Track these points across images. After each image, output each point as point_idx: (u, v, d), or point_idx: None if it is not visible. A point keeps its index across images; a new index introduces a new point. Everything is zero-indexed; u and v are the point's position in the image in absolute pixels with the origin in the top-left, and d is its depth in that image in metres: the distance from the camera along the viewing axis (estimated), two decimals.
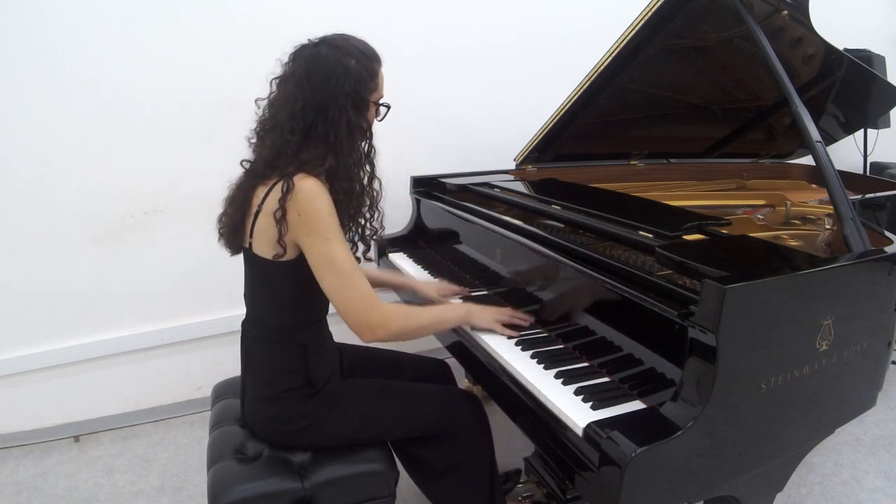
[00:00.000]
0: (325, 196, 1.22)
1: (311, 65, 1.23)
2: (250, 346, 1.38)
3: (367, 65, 1.27)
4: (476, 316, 1.45)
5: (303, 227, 1.20)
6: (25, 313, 2.24)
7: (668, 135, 2.40)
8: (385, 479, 1.34)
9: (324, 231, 1.20)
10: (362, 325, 1.24)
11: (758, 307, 1.05)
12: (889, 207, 2.00)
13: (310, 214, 1.20)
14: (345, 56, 1.24)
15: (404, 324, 1.30)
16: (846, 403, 1.30)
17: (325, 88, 1.22)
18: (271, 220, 1.21)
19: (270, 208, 1.22)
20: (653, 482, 0.99)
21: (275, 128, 1.27)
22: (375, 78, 1.30)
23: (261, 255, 1.28)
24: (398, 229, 2.26)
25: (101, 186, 2.24)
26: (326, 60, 1.23)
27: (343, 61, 1.23)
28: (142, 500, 2.00)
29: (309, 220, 1.20)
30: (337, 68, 1.22)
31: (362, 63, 1.26)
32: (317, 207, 1.20)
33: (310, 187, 1.21)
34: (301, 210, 1.19)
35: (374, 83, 1.29)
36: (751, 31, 1.55)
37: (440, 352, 1.81)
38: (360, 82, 1.25)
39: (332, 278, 1.22)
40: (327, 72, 1.22)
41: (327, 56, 1.23)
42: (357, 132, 1.27)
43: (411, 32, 2.56)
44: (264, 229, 1.25)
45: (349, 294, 1.23)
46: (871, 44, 3.01)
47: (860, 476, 2.00)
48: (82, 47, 2.13)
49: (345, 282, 1.22)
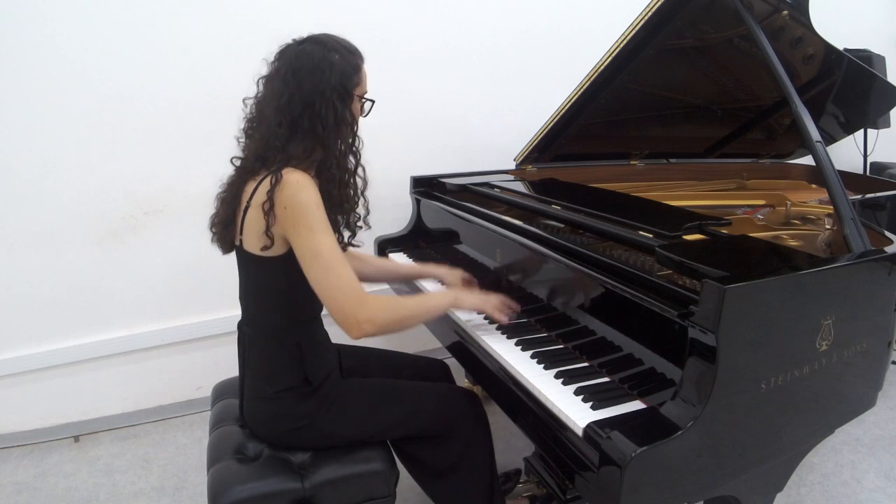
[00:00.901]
0: (311, 188, 1.23)
1: (296, 61, 1.26)
2: (247, 346, 1.38)
3: (351, 60, 1.31)
4: (463, 299, 1.46)
5: (289, 219, 1.21)
6: (25, 313, 2.24)
7: (667, 135, 2.40)
8: (385, 478, 1.34)
9: (310, 223, 1.21)
10: (349, 319, 1.22)
11: (758, 307, 1.05)
12: (889, 207, 2.00)
13: (296, 206, 1.20)
14: (329, 52, 1.27)
15: (392, 315, 1.29)
16: (846, 403, 1.30)
17: (311, 82, 1.24)
18: (260, 212, 1.22)
19: (259, 201, 1.23)
20: (653, 482, 0.99)
21: (262, 123, 1.30)
22: (359, 72, 1.33)
23: (251, 251, 1.29)
24: (398, 229, 2.26)
25: (101, 186, 2.24)
26: (311, 56, 1.26)
27: (328, 56, 1.26)
28: (142, 500, 1.99)
29: (295, 212, 1.21)
30: (322, 63, 1.25)
31: (346, 58, 1.29)
32: (303, 199, 1.21)
33: (297, 180, 1.22)
34: (288, 203, 1.20)
35: (357, 77, 1.32)
36: (751, 31, 1.55)
37: (440, 352, 1.81)
38: (344, 75, 1.28)
39: (318, 270, 1.22)
40: (312, 67, 1.25)
41: (312, 52, 1.26)
42: (343, 124, 1.29)
43: (411, 32, 2.56)
44: (253, 224, 1.26)
45: (334, 286, 1.22)
46: (871, 44, 3.01)
47: (860, 476, 2.00)
48: (82, 47, 2.13)
49: (330, 274, 1.22)
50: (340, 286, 1.22)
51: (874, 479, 1.99)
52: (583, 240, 1.54)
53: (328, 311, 1.25)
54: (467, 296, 1.48)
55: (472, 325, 1.53)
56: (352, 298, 1.22)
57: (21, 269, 2.20)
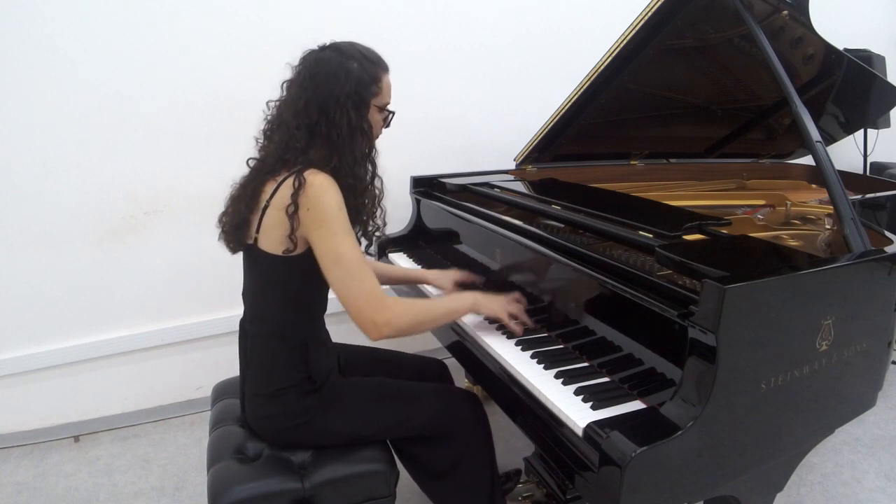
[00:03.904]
0: (334, 191, 1.24)
1: (314, 67, 1.28)
2: (250, 344, 1.38)
3: (369, 68, 1.31)
4: (483, 304, 1.44)
5: (312, 221, 1.21)
6: (25, 313, 2.24)
7: (668, 135, 2.40)
8: (385, 478, 1.34)
9: (332, 225, 1.22)
10: (368, 323, 1.23)
11: (758, 307, 1.05)
12: (889, 207, 2.00)
13: (319, 208, 1.21)
14: (347, 59, 1.28)
15: (412, 319, 1.30)
16: (846, 403, 1.30)
17: (326, 88, 1.26)
18: (282, 214, 1.22)
19: (281, 203, 1.23)
20: (653, 482, 0.99)
21: (281, 125, 1.30)
22: (378, 82, 1.32)
23: (267, 250, 1.28)
24: (398, 229, 2.26)
25: (100, 186, 2.24)
26: (329, 63, 1.28)
27: (345, 64, 1.28)
28: (142, 500, 2.00)
29: (318, 214, 1.21)
30: (339, 70, 1.27)
31: (364, 66, 1.30)
32: (327, 201, 1.21)
33: (320, 182, 1.22)
34: (311, 204, 1.21)
35: (376, 87, 1.32)
36: (751, 31, 1.55)
37: (440, 352, 1.81)
38: (360, 84, 1.28)
39: (339, 273, 1.23)
40: (328, 73, 1.26)
41: (330, 59, 1.28)
42: (358, 132, 1.29)
43: (412, 32, 2.56)
44: (273, 224, 1.26)
45: (355, 290, 1.23)
46: (871, 44, 3.01)
47: (860, 476, 2.00)
48: (82, 47, 2.13)
49: (352, 277, 1.23)
50: (362, 289, 1.23)
51: (874, 479, 1.99)
52: (583, 240, 1.54)
53: (348, 313, 1.25)
54: (487, 301, 1.45)
55: (473, 325, 1.53)
56: (373, 302, 1.23)
57: (21, 269, 2.20)
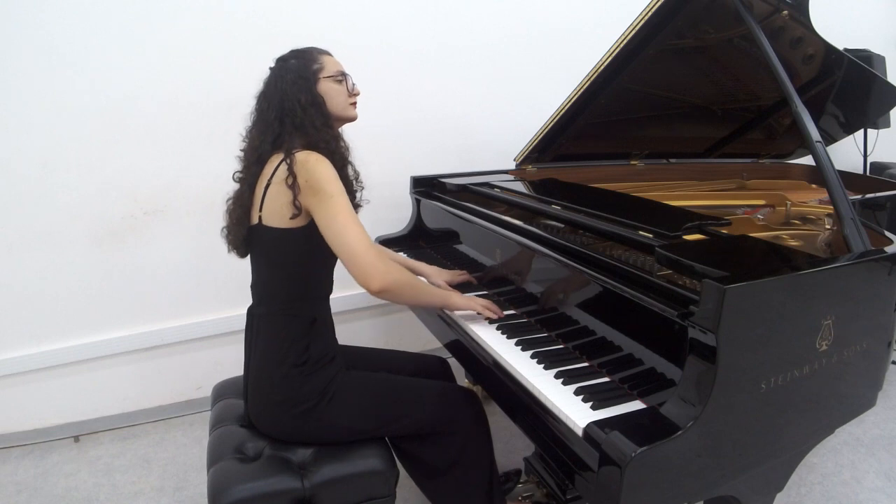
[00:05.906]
0: (326, 161, 1.35)
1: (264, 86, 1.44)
2: (256, 326, 1.41)
3: (305, 55, 1.44)
4: (455, 301, 1.55)
5: (310, 189, 1.31)
6: (25, 313, 2.24)
7: (668, 135, 2.40)
8: (385, 478, 1.34)
9: (329, 190, 1.31)
10: (369, 270, 1.29)
11: (758, 307, 1.05)
12: (889, 207, 2.01)
13: (315, 176, 1.31)
14: (285, 61, 1.44)
15: (402, 275, 1.39)
16: (846, 403, 1.30)
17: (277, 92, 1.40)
18: (282, 186, 1.32)
19: (281, 178, 1.33)
20: (653, 482, 0.99)
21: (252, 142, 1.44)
22: (316, 61, 1.44)
23: (272, 224, 1.35)
24: (398, 229, 2.26)
25: (101, 186, 2.24)
26: (272, 73, 1.43)
27: (284, 65, 1.43)
28: (142, 500, 2.00)
29: (315, 182, 1.31)
30: (280, 72, 1.42)
31: (299, 57, 1.44)
32: (322, 169, 1.32)
33: (312, 155, 1.34)
34: (308, 175, 1.31)
35: (317, 65, 1.43)
36: (751, 31, 1.55)
37: (440, 352, 1.81)
38: (300, 70, 1.41)
39: (337, 228, 1.30)
40: (275, 79, 1.41)
41: (272, 70, 1.44)
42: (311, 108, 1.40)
43: (412, 32, 2.56)
44: (276, 196, 1.34)
45: (353, 242, 1.30)
46: (871, 44, 3.02)
47: (860, 476, 2.00)
48: (82, 47, 2.13)
49: (348, 231, 1.30)
50: (360, 240, 1.30)
51: (874, 479, 1.99)
52: (583, 240, 1.54)
53: (349, 269, 1.31)
54: (459, 298, 1.57)
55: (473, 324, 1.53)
56: (370, 253, 1.31)
57: (21, 269, 2.20)
